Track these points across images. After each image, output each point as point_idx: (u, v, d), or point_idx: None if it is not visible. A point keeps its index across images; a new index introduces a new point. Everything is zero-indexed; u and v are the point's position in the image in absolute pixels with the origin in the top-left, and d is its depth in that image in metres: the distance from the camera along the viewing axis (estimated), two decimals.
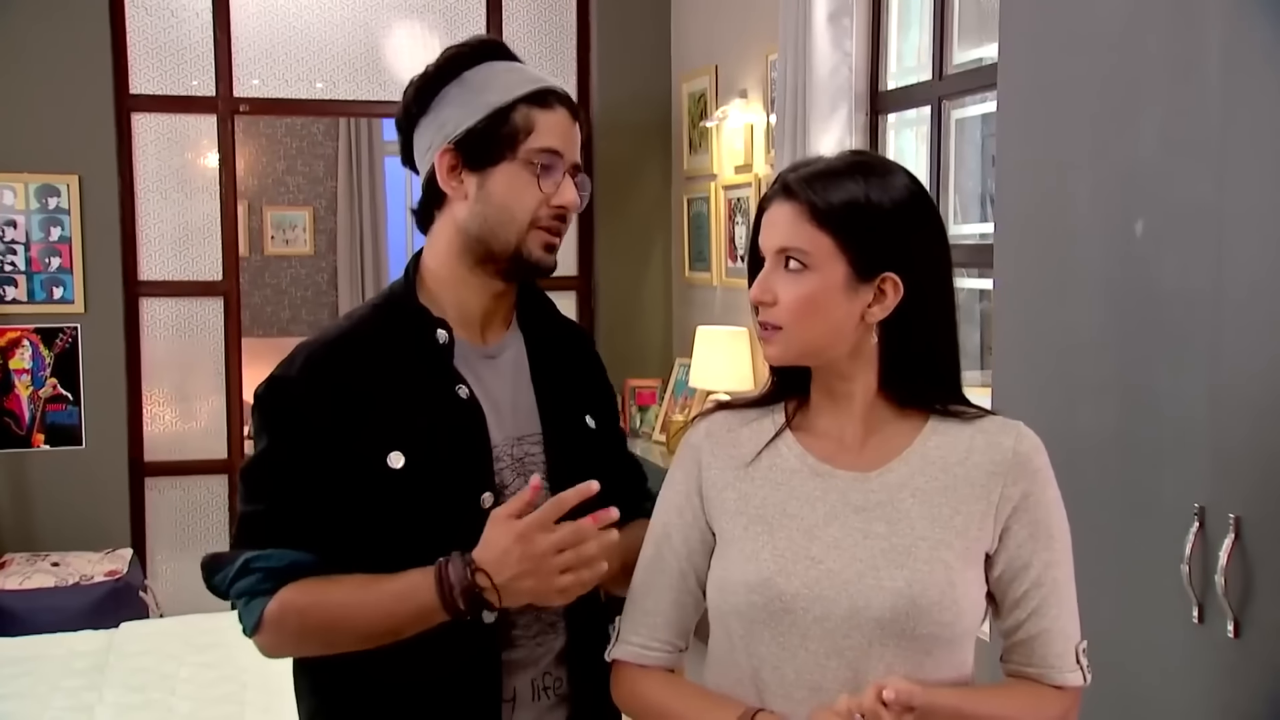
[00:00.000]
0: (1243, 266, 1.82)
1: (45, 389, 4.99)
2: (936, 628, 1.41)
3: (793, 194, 1.45)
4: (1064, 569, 1.48)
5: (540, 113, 1.66)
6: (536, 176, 1.66)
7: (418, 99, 1.70)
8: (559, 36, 5.60)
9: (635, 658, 1.55)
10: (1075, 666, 1.47)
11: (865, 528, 1.44)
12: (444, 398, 1.66)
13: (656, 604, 1.55)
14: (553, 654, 1.72)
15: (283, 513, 1.62)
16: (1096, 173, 2.14)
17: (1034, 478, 1.47)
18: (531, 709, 1.70)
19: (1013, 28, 2.40)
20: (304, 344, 1.70)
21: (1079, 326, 2.19)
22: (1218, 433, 1.86)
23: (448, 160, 1.67)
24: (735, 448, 1.54)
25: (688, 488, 1.55)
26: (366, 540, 1.63)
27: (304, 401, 1.63)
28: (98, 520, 5.01)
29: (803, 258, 1.44)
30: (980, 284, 3.71)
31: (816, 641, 1.42)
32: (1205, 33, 1.88)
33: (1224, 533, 1.81)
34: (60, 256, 4.97)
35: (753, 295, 1.47)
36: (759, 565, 1.45)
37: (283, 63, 5.29)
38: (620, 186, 5.59)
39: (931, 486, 1.46)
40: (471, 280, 1.70)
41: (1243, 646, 1.81)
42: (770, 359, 1.51)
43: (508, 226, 1.66)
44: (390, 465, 1.61)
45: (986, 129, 3.67)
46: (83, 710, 3.25)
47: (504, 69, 1.70)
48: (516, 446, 1.71)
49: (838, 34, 3.81)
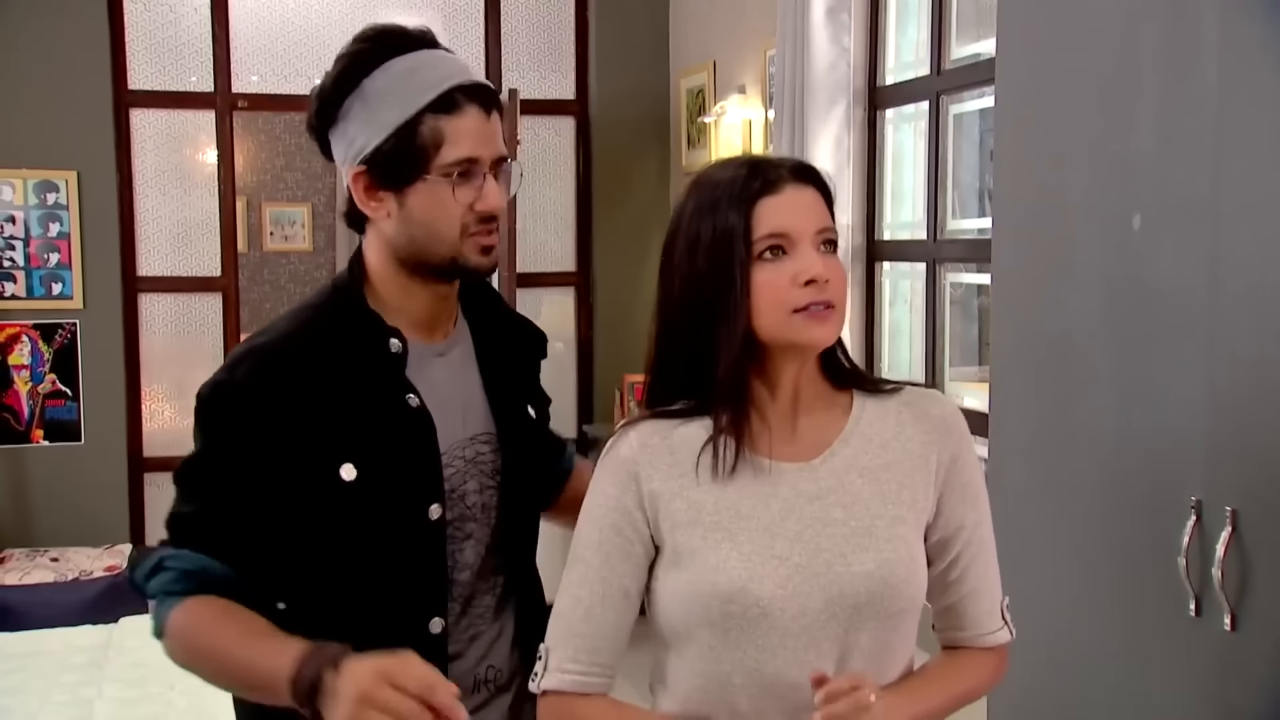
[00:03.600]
0: (1239, 261, 1.83)
1: (44, 385, 4.99)
2: (905, 602, 1.44)
3: (809, 179, 1.46)
4: (987, 527, 1.53)
5: (448, 120, 1.57)
6: (455, 187, 1.58)
7: (319, 115, 1.62)
8: (557, 33, 5.60)
9: (575, 687, 1.47)
10: (1002, 623, 1.55)
11: (823, 515, 1.44)
12: (395, 407, 1.61)
13: (598, 627, 1.47)
14: (492, 647, 1.73)
15: (210, 517, 1.58)
16: (1094, 168, 2.15)
17: (960, 441, 1.51)
18: (471, 700, 1.69)
19: (1010, 23, 2.40)
20: (250, 348, 1.63)
21: (1076, 321, 2.19)
22: (1215, 426, 1.86)
23: (362, 181, 1.59)
24: (671, 455, 1.47)
25: (624, 503, 1.47)
26: (310, 550, 1.60)
27: (249, 409, 1.57)
28: (97, 516, 5.02)
29: (835, 238, 1.46)
30: (978, 279, 3.71)
31: (794, 638, 1.41)
32: (1202, 28, 1.88)
33: (1221, 526, 1.81)
34: (59, 252, 4.97)
35: (818, 271, 1.41)
36: (729, 574, 1.41)
37: (281, 59, 5.29)
38: (618, 182, 5.59)
39: (875, 464, 1.47)
40: (413, 286, 1.65)
41: (1240, 640, 1.81)
42: (825, 340, 1.44)
43: (437, 242, 1.60)
44: (342, 477, 1.57)
45: (984, 124, 3.67)
46: (82, 705, 3.26)
47: (405, 71, 1.59)
48: (468, 447, 1.69)
49: (836, 29, 3.81)
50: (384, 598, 1.63)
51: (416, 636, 1.60)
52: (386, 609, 1.63)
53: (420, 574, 1.64)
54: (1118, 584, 2.06)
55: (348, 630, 1.60)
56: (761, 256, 1.42)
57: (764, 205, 1.43)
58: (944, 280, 3.76)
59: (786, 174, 1.45)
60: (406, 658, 1.40)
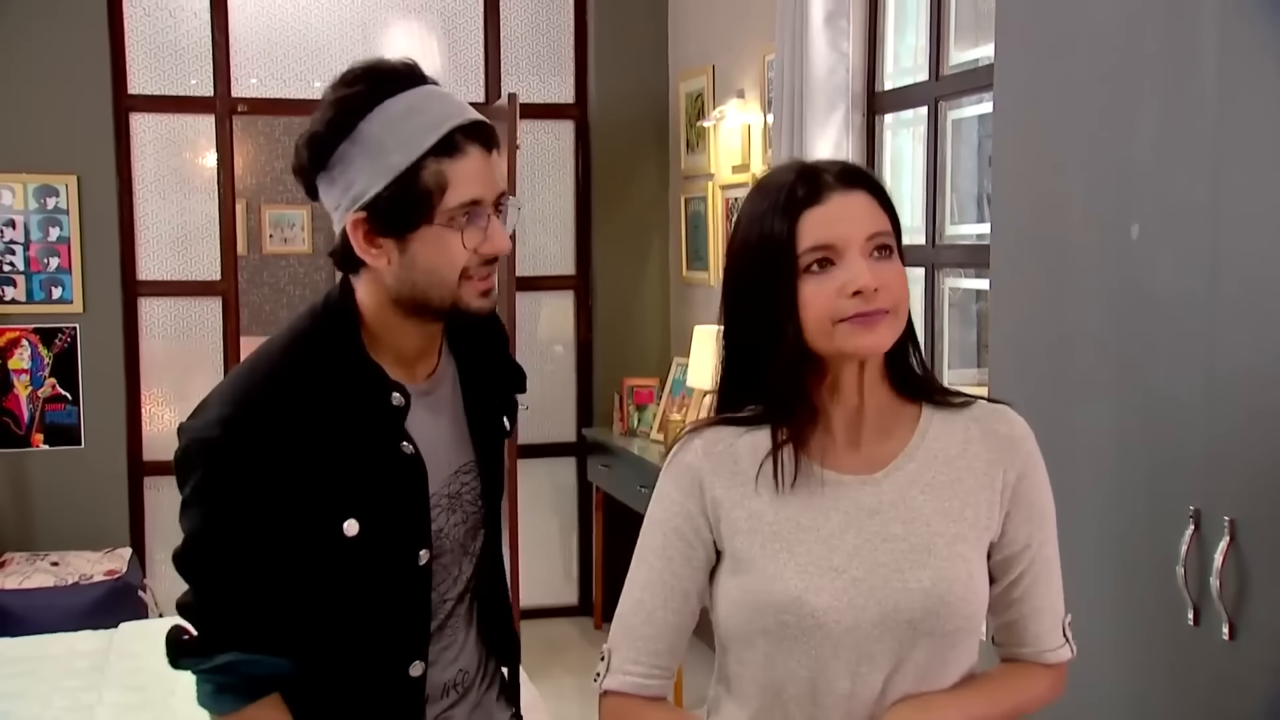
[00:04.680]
0: (1238, 267, 1.83)
1: (44, 389, 4.99)
2: (962, 621, 1.43)
3: (858, 183, 1.44)
4: (1053, 545, 1.52)
5: (451, 164, 1.52)
6: (461, 231, 1.54)
7: (312, 160, 1.55)
8: (556, 36, 5.60)
9: (637, 689, 1.49)
10: (1064, 641, 1.53)
11: (882, 530, 1.44)
12: (391, 457, 1.58)
13: (659, 629, 1.49)
14: (461, 652, 1.74)
15: (244, 604, 1.54)
16: (1092, 173, 2.15)
17: (1028, 460, 1.50)
18: (439, 705, 1.70)
19: (1009, 28, 2.40)
20: (240, 395, 1.55)
21: (1075, 327, 2.19)
22: (1213, 434, 1.86)
23: (361, 229, 1.54)
24: (734, 463, 1.48)
25: (688, 509, 1.49)
26: (300, 601, 1.57)
27: (240, 468, 1.50)
28: (97, 520, 5.02)
29: (890, 241, 1.43)
30: (977, 284, 3.71)
31: (849, 650, 1.41)
32: (1201, 34, 1.89)
33: (1219, 535, 1.81)
34: (59, 256, 4.97)
35: (866, 282, 1.38)
36: (786, 584, 1.42)
37: (281, 62, 5.29)
38: (617, 186, 5.59)
39: (939, 481, 1.47)
40: (406, 326, 1.61)
41: (1238, 649, 1.81)
42: (877, 348, 1.42)
43: (438, 287, 1.55)
44: (345, 533, 1.53)
45: (983, 130, 3.67)
46: (82, 710, 3.26)
47: (401, 112, 1.52)
48: (453, 482, 1.68)
49: (834, 34, 3.81)
50: (367, 645, 1.62)
51: (396, 681, 1.61)
52: (368, 655, 1.62)
53: (404, 619, 1.63)
54: (1116, 592, 2.06)
55: (329, 676, 1.61)
56: (809, 269, 1.41)
57: (809, 217, 1.41)
58: (943, 285, 3.77)
59: (833, 180, 1.43)
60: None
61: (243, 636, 1.54)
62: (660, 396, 5.31)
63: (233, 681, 1.55)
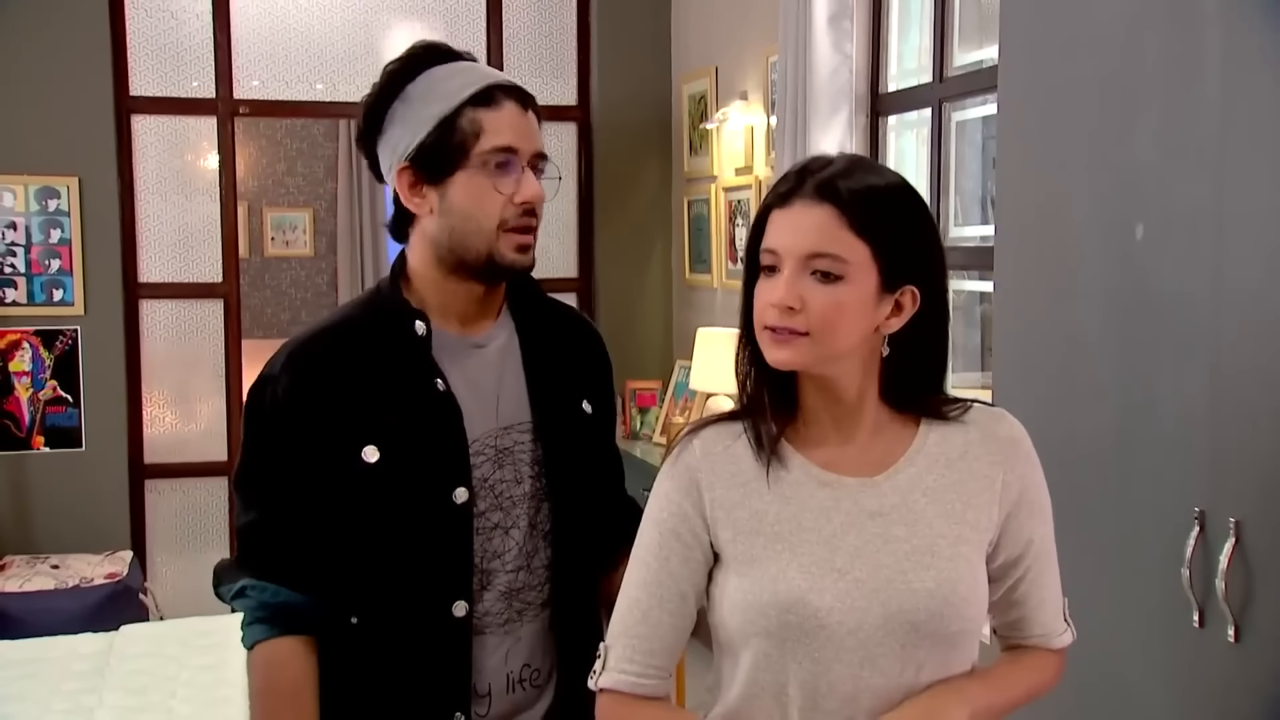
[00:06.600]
0: (1242, 269, 1.82)
1: (45, 391, 4.98)
2: (965, 622, 1.43)
3: (831, 197, 1.38)
4: (1051, 538, 1.54)
5: (486, 112, 1.64)
6: (494, 178, 1.64)
7: (367, 122, 1.70)
8: (559, 37, 5.60)
9: (631, 687, 1.48)
10: (1065, 627, 1.56)
11: (884, 532, 1.44)
12: (421, 391, 1.67)
13: (654, 629, 1.49)
14: (532, 645, 1.74)
15: (274, 530, 1.67)
16: (1096, 175, 2.14)
17: (1027, 461, 1.51)
18: (507, 700, 1.72)
19: (1013, 30, 2.40)
20: (287, 342, 1.72)
21: (1079, 329, 2.19)
22: (1218, 436, 1.86)
23: (406, 178, 1.67)
24: (734, 464, 1.47)
25: (685, 509, 1.48)
26: (337, 534, 1.66)
27: (284, 398, 1.65)
28: (97, 522, 5.01)
29: (837, 266, 1.37)
30: (980, 286, 3.71)
31: (851, 652, 1.40)
32: (1204, 36, 1.88)
33: (1224, 537, 1.81)
34: (60, 258, 4.97)
35: (778, 299, 1.38)
36: (788, 584, 1.41)
37: (283, 64, 5.28)
38: (620, 188, 5.59)
39: (941, 484, 1.47)
40: (450, 285, 1.71)
41: (1243, 651, 1.81)
42: (780, 363, 1.41)
43: (476, 235, 1.66)
44: (364, 459, 1.63)
45: (987, 131, 3.67)
46: (82, 713, 3.25)
47: (445, 75, 1.67)
48: (503, 436, 1.71)
49: (838, 36, 3.81)
50: (407, 579, 1.67)
51: (439, 619, 1.66)
52: (409, 590, 1.67)
53: (443, 556, 1.67)
54: (1120, 594, 2.05)
55: (373, 613, 1.67)
56: (764, 270, 1.43)
57: (773, 218, 1.43)
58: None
59: (810, 187, 1.40)
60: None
61: (278, 561, 1.65)
62: (663, 399, 5.31)
63: (250, 608, 1.65)
